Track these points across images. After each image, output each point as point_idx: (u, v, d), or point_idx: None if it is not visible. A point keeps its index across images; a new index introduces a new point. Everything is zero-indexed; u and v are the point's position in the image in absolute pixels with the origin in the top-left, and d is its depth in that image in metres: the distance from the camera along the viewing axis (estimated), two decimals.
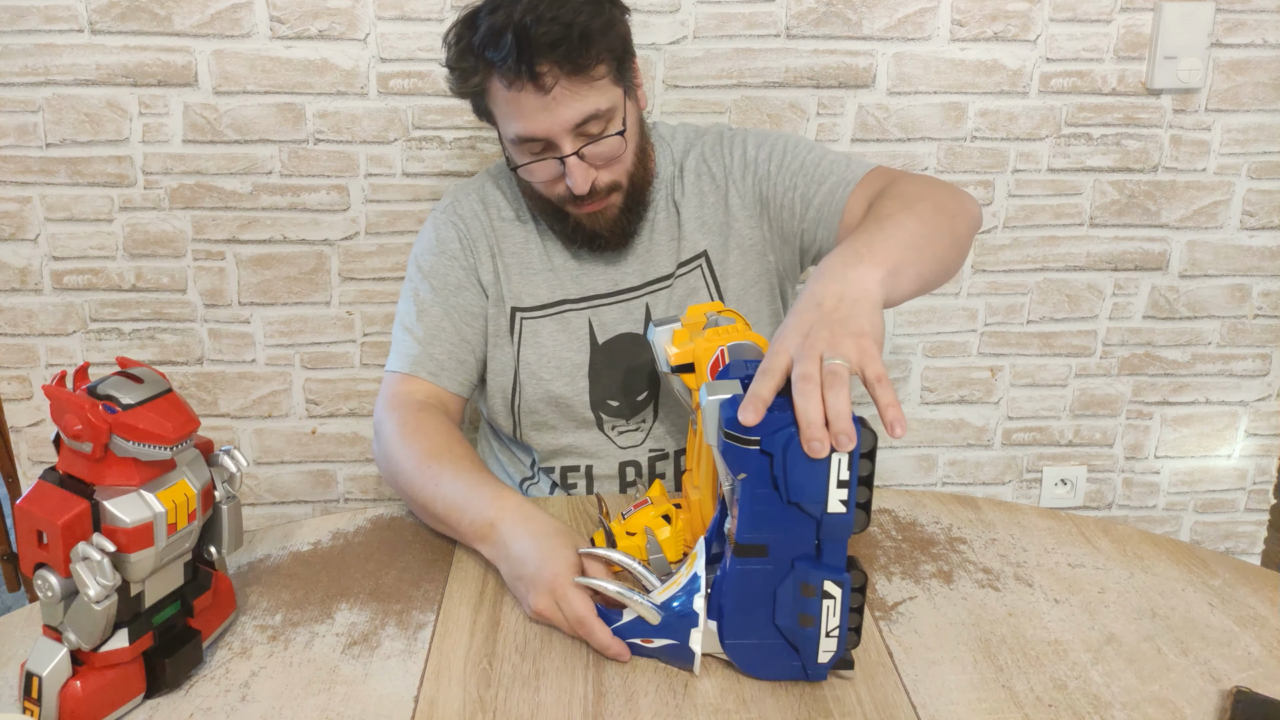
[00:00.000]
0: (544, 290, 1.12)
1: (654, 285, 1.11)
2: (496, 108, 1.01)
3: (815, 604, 0.69)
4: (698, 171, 1.13)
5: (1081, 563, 0.90)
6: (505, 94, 0.97)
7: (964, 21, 1.49)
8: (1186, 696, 0.72)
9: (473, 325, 1.11)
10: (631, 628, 0.74)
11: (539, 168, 1.01)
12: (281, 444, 1.62)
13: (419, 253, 1.14)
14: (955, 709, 0.71)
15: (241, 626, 0.81)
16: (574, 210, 1.05)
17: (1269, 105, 1.55)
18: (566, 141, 0.97)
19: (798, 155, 1.08)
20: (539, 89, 0.94)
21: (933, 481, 1.73)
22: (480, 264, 1.12)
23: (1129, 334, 1.66)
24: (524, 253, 1.12)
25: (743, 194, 1.11)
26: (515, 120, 0.98)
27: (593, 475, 1.14)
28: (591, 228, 1.06)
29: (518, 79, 0.94)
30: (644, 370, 1.10)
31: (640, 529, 0.84)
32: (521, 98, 0.95)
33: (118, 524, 0.66)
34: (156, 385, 0.69)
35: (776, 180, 1.08)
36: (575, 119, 0.96)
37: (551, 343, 1.11)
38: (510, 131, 0.99)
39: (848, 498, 0.65)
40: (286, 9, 1.42)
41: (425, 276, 1.12)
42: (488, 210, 1.14)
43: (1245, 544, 1.79)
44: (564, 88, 0.94)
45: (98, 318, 1.53)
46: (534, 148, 0.99)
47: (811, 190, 1.05)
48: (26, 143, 1.44)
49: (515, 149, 1.02)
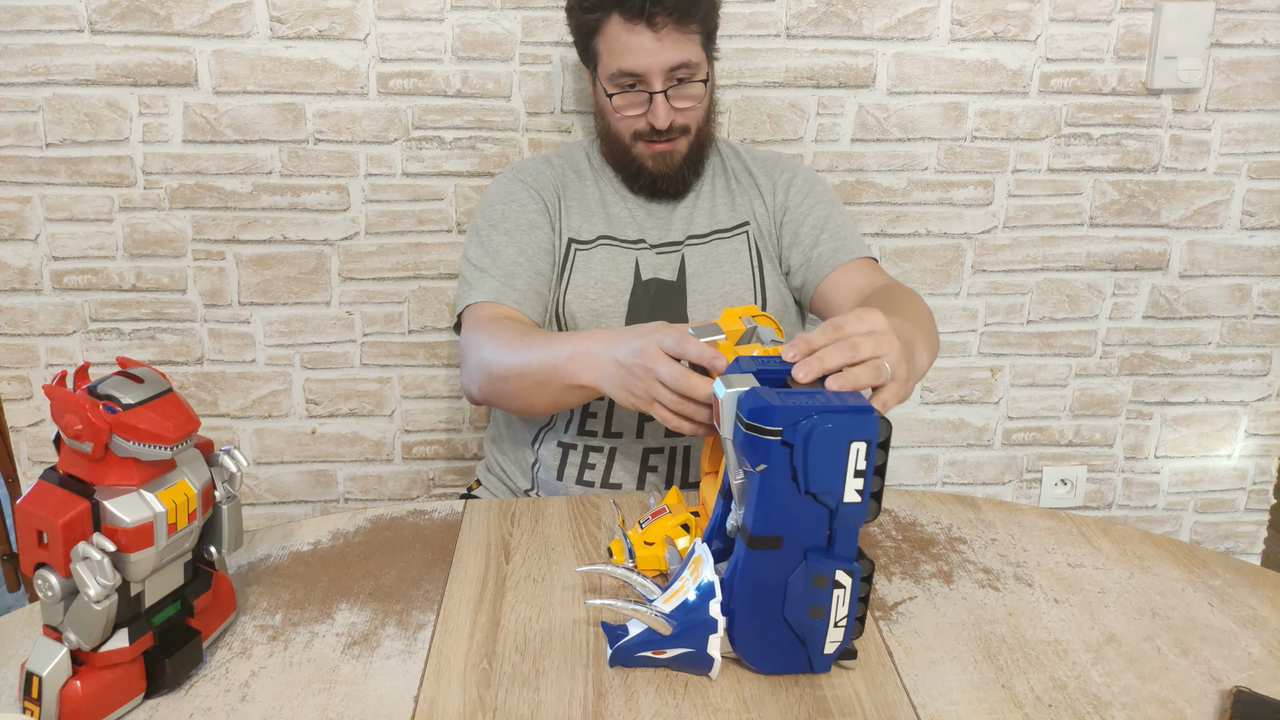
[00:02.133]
0: (599, 228, 1.25)
1: (692, 240, 1.25)
2: (605, 44, 1.17)
3: (826, 594, 0.70)
4: (753, 170, 1.29)
5: (1081, 563, 0.90)
6: (621, 30, 1.14)
7: (964, 21, 1.49)
8: (1186, 696, 0.72)
9: (545, 260, 1.21)
10: (641, 642, 0.74)
11: (629, 100, 1.18)
12: (281, 444, 1.62)
13: (484, 208, 1.24)
14: (955, 709, 0.70)
15: (241, 626, 0.81)
16: (644, 150, 1.20)
17: (1269, 105, 1.55)
18: (658, 80, 1.15)
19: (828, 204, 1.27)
20: (651, 28, 1.13)
21: (933, 481, 1.73)
22: (549, 205, 1.24)
23: (1129, 334, 1.66)
24: (584, 198, 1.26)
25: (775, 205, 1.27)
26: (624, 55, 1.15)
27: (614, 405, 1.18)
28: (656, 170, 1.22)
29: (638, 19, 1.13)
30: (673, 315, 1.20)
31: (659, 538, 0.84)
32: (634, 36, 1.14)
33: (118, 524, 0.66)
34: (156, 385, 0.69)
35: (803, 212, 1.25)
36: (672, 61, 1.14)
37: (601, 269, 1.21)
38: (614, 66, 1.16)
39: (863, 487, 0.67)
40: (286, 9, 1.42)
41: (495, 225, 1.21)
42: (552, 168, 1.28)
43: (1245, 544, 1.79)
44: (670, 33, 1.14)
45: (98, 318, 1.53)
46: (629, 81, 1.16)
47: (824, 236, 1.23)
48: (26, 143, 1.44)
49: (611, 83, 1.18)
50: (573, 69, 1.48)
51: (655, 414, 0.86)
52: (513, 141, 1.51)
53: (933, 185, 1.57)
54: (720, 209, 1.26)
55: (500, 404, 1.11)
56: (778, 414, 0.66)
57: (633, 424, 1.17)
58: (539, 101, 1.49)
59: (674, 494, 0.91)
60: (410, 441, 1.64)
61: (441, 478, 1.67)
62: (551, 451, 1.20)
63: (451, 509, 1.01)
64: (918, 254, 1.60)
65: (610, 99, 1.19)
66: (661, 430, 1.17)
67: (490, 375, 1.07)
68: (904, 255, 1.60)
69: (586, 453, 1.18)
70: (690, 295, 1.20)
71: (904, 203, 1.57)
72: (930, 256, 1.60)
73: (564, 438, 1.19)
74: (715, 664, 0.73)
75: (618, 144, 1.22)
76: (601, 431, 1.18)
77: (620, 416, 1.18)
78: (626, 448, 1.17)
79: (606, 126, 1.23)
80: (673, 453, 1.18)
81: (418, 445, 1.64)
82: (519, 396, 1.05)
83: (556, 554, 0.91)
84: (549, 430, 1.21)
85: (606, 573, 0.79)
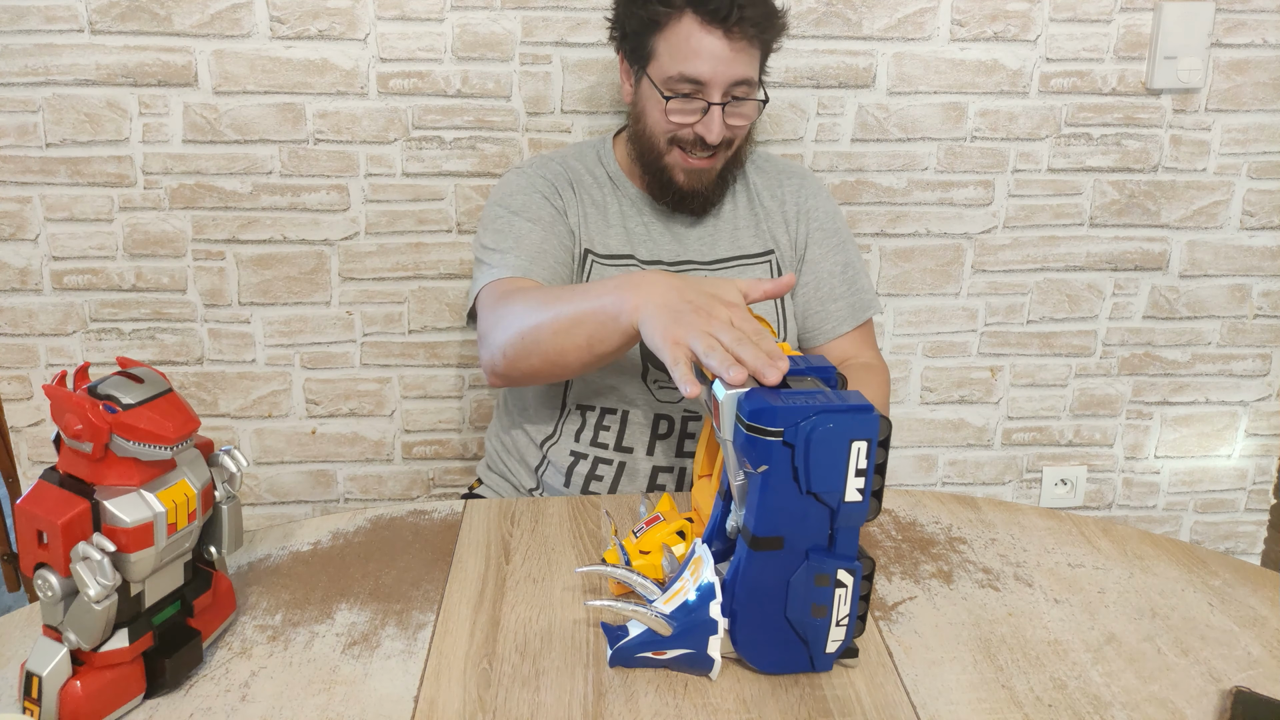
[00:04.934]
0: (615, 242, 1.21)
1: (718, 264, 1.22)
2: (670, 43, 1.10)
3: (828, 593, 0.70)
4: (774, 189, 1.27)
5: (1081, 563, 0.90)
6: (693, 30, 1.08)
7: (964, 21, 1.49)
8: (1186, 696, 0.72)
9: (567, 255, 1.18)
10: (641, 642, 0.74)
11: (683, 106, 1.12)
12: (281, 444, 1.62)
13: (504, 197, 1.19)
14: (955, 709, 0.71)
15: (241, 626, 0.81)
16: (679, 160, 1.15)
17: (1269, 105, 1.55)
18: (719, 91, 1.10)
19: (846, 249, 1.26)
20: (729, 36, 1.08)
21: (933, 481, 1.73)
22: (568, 203, 1.20)
23: (1129, 334, 1.66)
24: (603, 208, 1.22)
25: (796, 235, 1.25)
26: (691, 59, 1.09)
27: (628, 421, 1.17)
28: (688, 185, 1.17)
29: (717, 24, 1.07)
30: None
31: (656, 546, 0.83)
32: (708, 40, 1.08)
33: (118, 524, 0.66)
34: (156, 385, 0.69)
35: (823, 254, 1.24)
36: (739, 75, 1.10)
37: None
38: (676, 68, 1.10)
39: (864, 486, 0.67)
40: (286, 9, 1.42)
41: (517, 213, 1.17)
42: (568, 172, 1.23)
43: (1245, 544, 1.79)
44: (744, 45, 1.09)
45: (98, 318, 1.53)
46: (687, 88, 1.11)
47: (840, 290, 1.24)
48: (26, 143, 1.44)
49: (668, 86, 1.12)
50: (573, 68, 1.48)
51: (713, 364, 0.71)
52: (513, 141, 1.51)
53: (933, 185, 1.57)
54: (743, 233, 1.23)
55: (528, 363, 0.99)
56: (779, 414, 0.66)
57: (645, 440, 1.17)
58: (539, 101, 1.49)
59: (666, 501, 0.91)
60: (410, 441, 1.64)
61: (441, 478, 1.67)
62: (561, 456, 1.19)
63: (451, 509, 1.01)
64: (918, 254, 1.60)
65: (666, 101, 1.12)
66: (673, 450, 1.17)
67: (520, 333, 0.98)
68: (904, 255, 1.60)
69: (596, 464, 1.18)
70: None
71: (904, 203, 1.57)
72: (930, 256, 1.60)
73: (575, 446, 1.18)
74: (715, 665, 0.73)
75: (651, 147, 1.17)
76: (613, 445, 1.17)
77: (633, 431, 1.17)
78: (635, 464, 1.17)
79: (644, 128, 1.17)
80: (681, 473, 1.17)
81: (418, 445, 1.64)
82: (549, 346, 0.95)
83: (556, 554, 0.91)
84: (559, 438, 1.20)
85: (607, 573, 0.79)
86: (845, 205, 1.57)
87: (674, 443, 1.17)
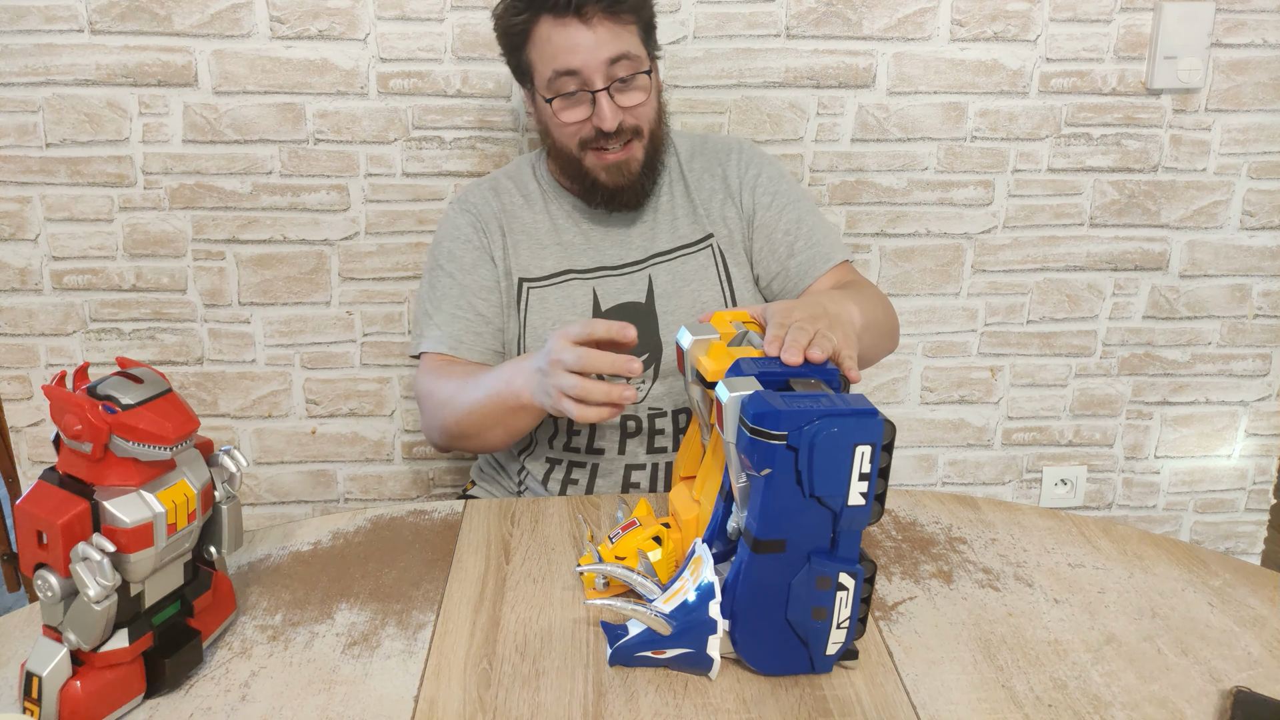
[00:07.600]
0: (551, 262, 1.21)
1: (657, 258, 1.21)
2: (537, 50, 1.12)
3: (829, 596, 0.70)
4: (713, 169, 1.25)
5: (1081, 563, 0.90)
6: (551, 30, 1.09)
7: (964, 21, 1.49)
8: (1186, 696, 0.72)
9: (487, 299, 1.20)
10: (641, 641, 0.74)
11: (570, 104, 1.12)
12: (281, 444, 1.62)
13: (434, 245, 1.24)
14: (955, 709, 0.71)
15: (241, 626, 0.81)
16: (596, 161, 1.14)
17: (1269, 105, 1.55)
18: (599, 77, 1.09)
19: (797, 205, 1.23)
20: (583, 20, 1.08)
21: (933, 481, 1.73)
22: (492, 242, 1.21)
23: (1129, 334, 1.66)
24: (533, 229, 1.22)
25: (741, 207, 1.23)
26: (558, 55, 1.09)
27: (595, 430, 1.18)
28: (613, 183, 1.15)
29: (567, 13, 1.08)
30: (644, 336, 1.17)
31: (631, 552, 0.83)
32: (567, 31, 1.08)
33: (118, 524, 0.66)
34: (156, 385, 0.69)
35: (773, 216, 1.21)
36: (610, 54, 1.09)
37: (556, 307, 1.19)
38: (550, 69, 1.10)
39: (867, 490, 0.67)
40: (286, 9, 1.42)
41: (441, 264, 1.22)
42: (499, 196, 1.24)
43: (1245, 544, 1.79)
44: (602, 24, 1.08)
45: (98, 318, 1.53)
46: (569, 85, 1.10)
47: (799, 245, 1.20)
48: (26, 143, 1.44)
49: (549, 89, 1.12)
50: None
51: (565, 410, 0.87)
52: (513, 141, 1.51)
53: (933, 185, 1.57)
54: (681, 222, 1.22)
55: (464, 447, 1.14)
56: (783, 418, 0.66)
57: (615, 440, 1.17)
58: None
59: (643, 506, 0.91)
60: (410, 441, 1.64)
61: (441, 478, 1.67)
62: (538, 465, 1.21)
63: (451, 509, 1.01)
64: (918, 254, 1.60)
65: (550, 104, 1.12)
66: (643, 447, 1.17)
67: (445, 426, 1.11)
68: (904, 255, 1.60)
69: (570, 468, 1.19)
70: (660, 316, 1.17)
71: (904, 203, 1.57)
72: (930, 256, 1.60)
73: (550, 453, 1.20)
74: (715, 664, 0.73)
75: (568, 159, 1.16)
76: (584, 448, 1.18)
77: (602, 432, 1.17)
78: (608, 465, 1.18)
79: (553, 143, 1.17)
80: (654, 469, 1.18)
81: (418, 445, 1.64)
82: (476, 436, 1.09)
83: (556, 554, 0.91)
84: (534, 446, 1.21)
85: (606, 572, 0.79)
86: (845, 205, 1.57)
87: (644, 440, 1.17)
